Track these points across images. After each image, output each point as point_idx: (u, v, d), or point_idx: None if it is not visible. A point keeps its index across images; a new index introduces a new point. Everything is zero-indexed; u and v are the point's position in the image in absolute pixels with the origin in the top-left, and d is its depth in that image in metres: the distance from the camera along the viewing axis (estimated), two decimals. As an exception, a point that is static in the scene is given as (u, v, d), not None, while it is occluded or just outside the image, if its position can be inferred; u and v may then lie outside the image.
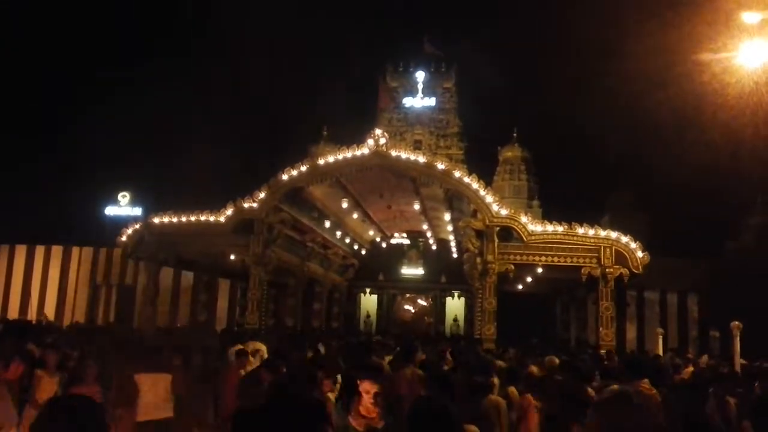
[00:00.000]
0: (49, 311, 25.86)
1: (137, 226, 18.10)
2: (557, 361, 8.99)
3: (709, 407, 6.11)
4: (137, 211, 33.71)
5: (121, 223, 21.70)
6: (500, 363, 8.69)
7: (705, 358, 13.51)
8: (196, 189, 28.39)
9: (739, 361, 10.39)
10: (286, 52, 54.57)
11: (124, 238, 18.07)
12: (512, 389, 6.79)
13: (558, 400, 4.92)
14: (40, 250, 27.17)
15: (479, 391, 6.01)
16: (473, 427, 4.50)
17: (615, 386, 2.20)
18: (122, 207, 35.56)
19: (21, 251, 27.16)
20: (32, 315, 24.29)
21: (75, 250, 27.30)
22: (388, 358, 9.13)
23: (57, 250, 27.23)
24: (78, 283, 26.96)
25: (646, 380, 6.09)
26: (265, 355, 9.52)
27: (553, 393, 5.26)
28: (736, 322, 10.83)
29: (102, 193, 35.74)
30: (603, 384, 7.44)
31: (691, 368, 10.75)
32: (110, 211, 35.42)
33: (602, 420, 2.21)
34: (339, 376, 6.14)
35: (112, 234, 22.73)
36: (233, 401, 6.81)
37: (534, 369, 8.25)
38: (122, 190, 35.85)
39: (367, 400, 4.41)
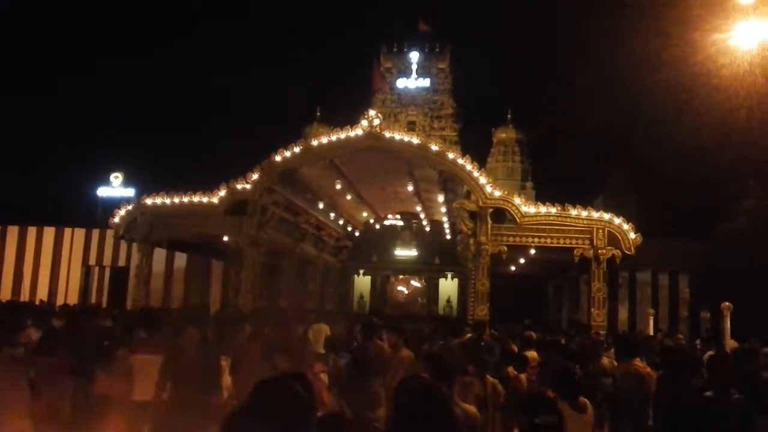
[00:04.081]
0: (42, 293, 25.79)
1: (130, 207, 18.01)
2: (534, 336, 9.22)
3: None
4: (130, 192, 33.56)
5: (114, 204, 21.58)
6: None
7: (698, 342, 13.60)
8: (190, 170, 28.30)
9: (729, 341, 10.46)
10: (280, 32, 54.18)
11: (116, 220, 17.99)
12: (510, 369, 6.86)
13: (547, 379, 4.96)
14: (32, 231, 27.03)
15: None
16: (472, 408, 4.54)
17: None
18: (115, 188, 35.41)
19: (13, 232, 27.00)
20: (25, 296, 24.22)
21: (67, 232, 27.16)
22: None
23: (49, 232, 27.09)
24: (71, 265, 26.86)
25: (638, 359, 6.17)
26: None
27: (544, 373, 5.29)
28: (727, 303, 10.91)
29: (94, 174, 35.61)
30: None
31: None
32: (103, 192, 35.27)
33: None
34: None
35: (104, 215, 22.68)
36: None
37: (515, 347, 8.35)
38: (115, 171, 35.70)
39: None
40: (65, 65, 43.72)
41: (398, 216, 29.26)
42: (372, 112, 16.92)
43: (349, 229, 25.81)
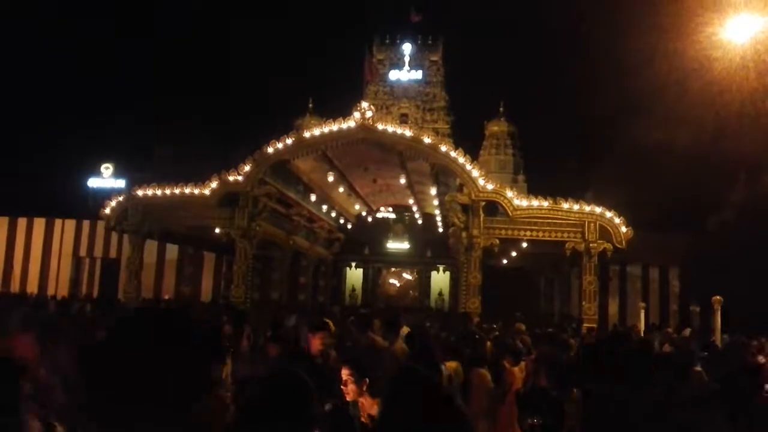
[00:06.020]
0: (32, 284, 25.67)
1: (121, 199, 17.90)
2: (523, 327, 9.28)
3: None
4: (120, 183, 33.42)
5: (105, 195, 21.47)
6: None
7: (687, 331, 13.68)
8: (181, 161, 28.16)
9: (719, 335, 10.52)
10: (272, 23, 53.90)
11: (107, 211, 17.88)
12: (506, 361, 6.88)
13: (541, 372, 4.98)
14: (22, 222, 26.88)
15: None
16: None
17: None
18: (105, 179, 35.23)
19: (3, 223, 26.84)
20: (15, 288, 24.10)
21: (58, 223, 27.02)
22: None
23: (39, 223, 26.94)
24: (61, 256, 26.74)
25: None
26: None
27: (539, 363, 5.32)
28: (717, 297, 10.94)
29: (84, 165, 35.37)
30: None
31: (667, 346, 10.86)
32: (93, 182, 35.08)
33: None
34: None
35: (95, 206, 22.54)
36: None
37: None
38: (105, 162, 35.50)
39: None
40: (55, 55, 43.31)
41: (390, 209, 29.25)
42: (365, 104, 16.86)
43: (341, 221, 25.79)
